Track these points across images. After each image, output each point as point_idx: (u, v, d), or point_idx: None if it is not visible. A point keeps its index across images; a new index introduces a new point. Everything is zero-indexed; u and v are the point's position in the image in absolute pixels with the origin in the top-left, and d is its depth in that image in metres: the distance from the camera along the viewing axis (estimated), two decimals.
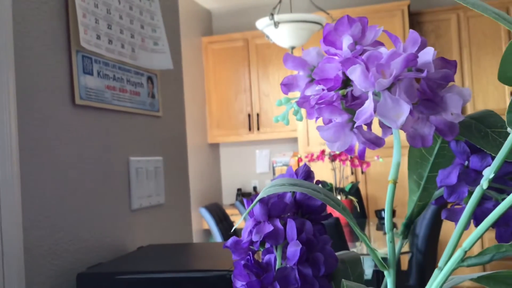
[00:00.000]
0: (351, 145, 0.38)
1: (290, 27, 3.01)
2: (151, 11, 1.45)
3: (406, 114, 0.33)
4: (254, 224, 0.46)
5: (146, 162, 1.39)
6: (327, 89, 0.37)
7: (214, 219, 3.30)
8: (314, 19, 3.05)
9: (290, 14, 3.00)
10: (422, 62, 0.36)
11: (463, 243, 0.29)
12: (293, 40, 3.10)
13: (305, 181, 0.39)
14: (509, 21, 0.26)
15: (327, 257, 0.43)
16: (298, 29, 3.03)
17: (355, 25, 0.38)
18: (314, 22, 3.08)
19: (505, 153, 0.30)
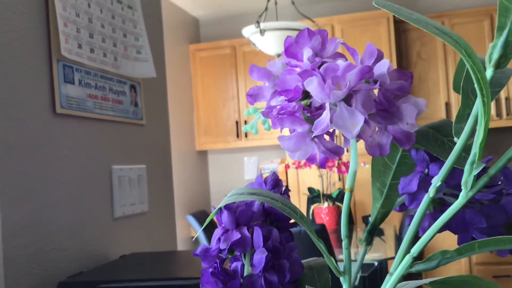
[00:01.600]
0: (312, 154, 0.39)
1: (276, 34, 3.04)
2: (134, 20, 1.46)
3: (361, 124, 0.34)
4: (223, 232, 0.47)
5: (129, 171, 1.39)
6: (287, 100, 0.38)
7: (201, 226, 3.29)
8: (299, 27, 3.08)
9: (276, 22, 3.02)
10: (378, 73, 0.37)
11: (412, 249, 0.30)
12: (279, 47, 3.12)
13: (264, 190, 0.40)
14: (449, 36, 0.27)
15: (293, 264, 0.44)
16: (284, 37, 3.05)
17: (315, 37, 0.39)
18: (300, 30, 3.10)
19: (452, 161, 0.31)
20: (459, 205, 0.30)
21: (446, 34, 0.27)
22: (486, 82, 0.27)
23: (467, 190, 0.29)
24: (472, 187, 0.29)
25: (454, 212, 0.30)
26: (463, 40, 0.27)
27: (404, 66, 4.37)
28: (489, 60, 0.29)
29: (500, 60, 0.29)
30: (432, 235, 0.30)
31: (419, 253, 0.30)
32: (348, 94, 0.36)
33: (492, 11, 4.26)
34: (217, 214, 0.47)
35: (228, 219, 0.46)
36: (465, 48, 0.26)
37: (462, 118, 0.31)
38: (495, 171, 0.30)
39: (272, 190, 0.50)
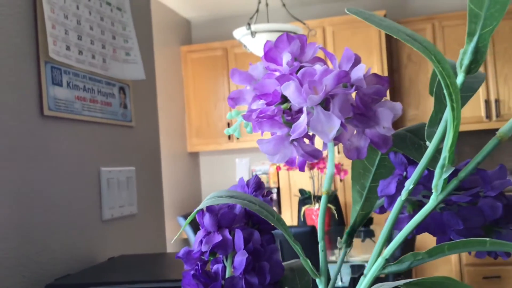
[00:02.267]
0: (291, 157, 0.40)
1: (267, 36, 3.04)
2: (123, 22, 1.46)
3: (337, 128, 0.35)
4: (205, 235, 0.47)
5: (118, 173, 1.39)
6: (266, 104, 0.39)
7: (192, 228, 3.29)
8: (290, 29, 3.09)
9: (267, 24, 3.03)
10: (355, 78, 0.37)
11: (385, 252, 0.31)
12: None
13: (242, 193, 0.41)
14: (419, 42, 0.28)
15: (273, 266, 0.45)
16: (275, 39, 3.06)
17: (294, 42, 0.40)
18: (291, 32, 3.11)
19: (424, 165, 0.32)
20: (430, 207, 0.30)
21: (416, 41, 0.27)
22: (456, 88, 0.27)
23: (437, 193, 0.30)
24: (443, 190, 0.30)
25: (425, 214, 0.30)
26: (433, 47, 0.28)
27: (395, 69, 4.39)
28: (460, 65, 0.30)
29: (471, 66, 0.30)
30: (405, 237, 0.31)
31: (391, 255, 0.30)
32: (325, 98, 0.36)
33: None
34: (199, 216, 0.48)
35: (210, 221, 0.46)
36: (434, 54, 0.27)
37: (434, 122, 0.32)
38: (465, 174, 0.30)
39: (254, 193, 0.51)
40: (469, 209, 0.44)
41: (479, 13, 0.28)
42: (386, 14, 4.28)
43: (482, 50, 0.29)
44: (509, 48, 4.25)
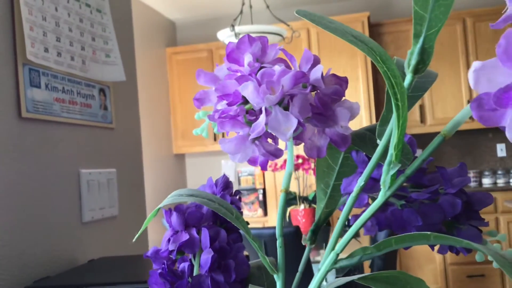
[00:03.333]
0: (252, 156, 0.40)
1: None
2: (103, 24, 1.46)
3: (294, 127, 0.36)
4: (172, 234, 0.48)
5: (98, 174, 1.38)
6: (228, 104, 0.39)
7: None
8: (274, 30, 3.10)
9: (251, 26, 3.04)
10: (314, 78, 0.38)
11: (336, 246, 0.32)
12: None
13: (202, 191, 0.41)
14: (365, 43, 0.28)
15: (239, 263, 0.45)
16: None
17: (255, 43, 0.41)
18: (275, 34, 3.13)
19: (374, 162, 0.33)
20: (379, 203, 0.31)
21: (362, 42, 0.28)
22: (402, 87, 0.28)
23: (385, 189, 0.31)
24: (391, 187, 0.30)
25: (374, 210, 0.31)
26: (380, 48, 0.28)
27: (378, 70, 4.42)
28: (408, 66, 0.31)
29: (418, 66, 0.31)
30: (355, 232, 0.31)
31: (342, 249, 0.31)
32: (283, 98, 0.37)
33: (464, 15, 4.35)
34: (167, 216, 0.48)
35: (177, 221, 0.47)
36: (380, 55, 0.28)
37: (385, 121, 0.33)
38: (411, 171, 0.31)
39: (222, 192, 0.51)
40: (429, 206, 0.46)
41: (424, 15, 0.29)
42: (370, 15, 4.32)
43: (428, 51, 0.30)
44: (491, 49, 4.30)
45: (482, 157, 4.62)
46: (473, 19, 4.33)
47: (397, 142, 0.29)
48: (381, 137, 0.32)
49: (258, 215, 4.53)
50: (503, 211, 4.10)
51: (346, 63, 4.21)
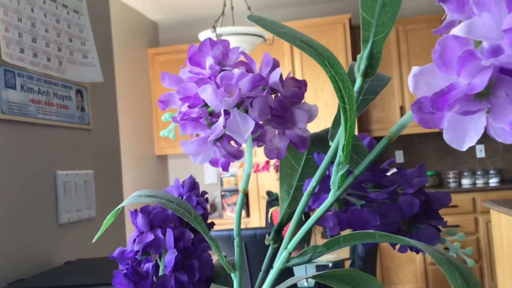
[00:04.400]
0: (213, 158, 0.41)
1: (232, 39, 3.06)
2: (80, 24, 1.45)
3: (251, 129, 0.36)
4: (138, 234, 0.48)
5: (75, 176, 1.38)
6: (188, 106, 0.40)
7: None
8: (255, 32, 3.11)
9: (232, 27, 3.05)
10: (273, 81, 0.39)
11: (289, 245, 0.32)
12: None
13: (161, 192, 0.42)
14: (314, 48, 0.29)
15: (203, 263, 0.46)
16: (240, 42, 3.08)
17: (216, 47, 0.41)
18: (256, 35, 3.14)
19: (326, 164, 0.34)
20: (329, 203, 0.32)
21: (310, 47, 0.29)
22: (350, 91, 0.29)
23: (335, 189, 0.32)
24: (340, 187, 0.31)
25: (324, 209, 0.32)
26: (329, 52, 0.29)
27: None
28: (358, 70, 0.32)
29: (367, 70, 0.32)
30: (306, 231, 0.32)
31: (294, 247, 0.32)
32: (242, 100, 0.38)
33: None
34: (132, 217, 0.49)
35: (142, 221, 0.47)
36: (328, 60, 0.29)
37: (337, 123, 0.34)
38: (359, 171, 0.32)
39: (188, 193, 0.52)
40: (388, 205, 0.47)
41: (372, 21, 0.30)
42: (351, 17, 4.35)
43: (376, 56, 0.31)
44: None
45: (461, 158, 4.69)
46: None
47: (346, 144, 0.30)
48: (333, 138, 0.33)
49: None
50: (482, 211, 4.16)
51: None
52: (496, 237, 3.28)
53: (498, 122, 0.25)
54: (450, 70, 0.25)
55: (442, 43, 0.25)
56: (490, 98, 0.25)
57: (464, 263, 0.32)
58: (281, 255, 0.32)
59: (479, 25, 0.24)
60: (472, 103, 0.25)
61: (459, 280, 0.25)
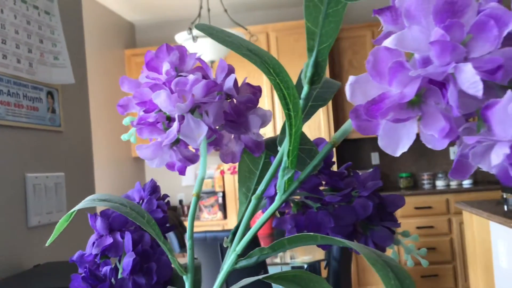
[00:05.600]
0: (169, 162, 0.42)
1: (209, 41, 3.06)
2: (51, 26, 1.44)
3: (204, 134, 0.37)
4: (97, 238, 0.48)
5: (45, 178, 1.37)
6: (144, 111, 0.41)
7: None
8: None
9: None
10: (227, 87, 0.40)
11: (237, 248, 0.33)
12: (212, 54, 3.15)
13: (115, 196, 0.42)
14: (260, 56, 0.30)
15: (161, 266, 0.46)
16: (217, 44, 3.08)
17: (173, 53, 0.42)
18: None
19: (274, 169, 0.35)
20: (275, 207, 0.33)
21: (256, 55, 0.30)
22: (295, 98, 0.30)
23: (281, 193, 0.33)
24: (286, 191, 0.32)
25: (271, 213, 0.33)
26: (275, 60, 0.30)
27: (337, 74, 4.50)
28: (304, 77, 0.33)
29: (314, 78, 0.33)
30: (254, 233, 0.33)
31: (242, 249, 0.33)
32: (197, 106, 0.39)
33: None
34: (92, 220, 0.49)
35: (101, 225, 0.48)
36: (273, 68, 0.30)
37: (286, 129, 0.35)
38: (304, 176, 0.33)
39: (149, 196, 0.52)
40: (343, 208, 0.48)
41: (316, 31, 0.31)
42: None
43: (321, 64, 0.32)
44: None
45: (435, 160, 4.76)
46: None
47: (291, 149, 0.31)
48: (281, 144, 0.34)
49: (217, 218, 4.53)
50: (455, 212, 4.24)
51: None
52: (468, 238, 3.34)
53: (428, 129, 0.26)
54: (383, 79, 0.26)
55: (375, 54, 0.26)
56: (421, 106, 0.26)
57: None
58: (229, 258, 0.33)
59: (408, 37, 0.25)
60: (405, 111, 0.26)
61: (393, 281, 0.26)
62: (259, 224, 0.33)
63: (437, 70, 0.24)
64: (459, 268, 4.26)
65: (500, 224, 2.41)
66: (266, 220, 0.33)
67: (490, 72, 0.23)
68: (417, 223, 4.23)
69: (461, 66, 0.24)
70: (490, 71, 0.23)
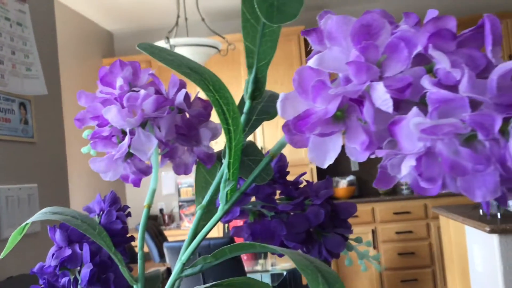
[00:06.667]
0: (125, 174, 0.43)
1: (186, 50, 3.07)
2: (24, 37, 1.44)
3: (154, 147, 0.38)
4: (56, 249, 0.49)
5: (17, 190, 1.36)
6: (97, 125, 0.42)
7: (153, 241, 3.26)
8: (209, 43, 3.13)
9: (186, 38, 3.06)
10: (178, 101, 0.41)
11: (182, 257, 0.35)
12: None
13: (66, 209, 0.43)
14: (200, 74, 0.32)
15: (119, 276, 0.47)
16: (194, 53, 3.10)
17: (126, 68, 0.43)
18: (210, 46, 3.16)
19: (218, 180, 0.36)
20: (218, 217, 0.34)
21: (197, 73, 0.31)
22: (235, 113, 0.32)
23: (223, 203, 0.34)
24: (227, 201, 0.34)
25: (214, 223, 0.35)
26: (215, 77, 0.32)
27: None
28: (246, 93, 0.34)
29: (255, 93, 0.34)
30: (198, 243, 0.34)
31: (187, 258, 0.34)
32: (147, 120, 0.40)
33: None
34: (51, 232, 0.50)
35: (60, 237, 0.49)
36: (213, 85, 0.31)
37: None
38: (245, 187, 0.35)
39: (109, 208, 0.53)
40: (296, 216, 0.50)
41: (254, 50, 0.32)
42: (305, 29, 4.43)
43: (261, 80, 0.33)
44: None
45: None
46: None
47: (232, 162, 0.32)
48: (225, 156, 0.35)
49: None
50: (433, 217, 4.29)
51: (284, 74, 4.30)
52: (445, 242, 3.39)
53: (351, 142, 0.28)
54: (308, 97, 0.28)
55: (299, 73, 0.28)
56: (346, 121, 0.28)
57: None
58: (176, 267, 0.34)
59: (329, 57, 0.27)
60: (330, 126, 0.28)
61: (321, 285, 0.27)
62: (203, 234, 0.35)
63: (353, 89, 0.26)
64: (438, 272, 4.31)
65: (475, 228, 2.45)
66: (209, 230, 0.35)
67: (400, 90, 0.25)
68: (396, 228, 4.28)
69: (374, 84, 0.26)
70: (399, 89, 0.25)
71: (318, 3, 4.67)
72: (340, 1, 4.68)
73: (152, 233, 3.43)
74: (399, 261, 4.30)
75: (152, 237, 3.40)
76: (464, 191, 0.23)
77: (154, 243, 3.47)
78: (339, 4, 4.74)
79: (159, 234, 3.75)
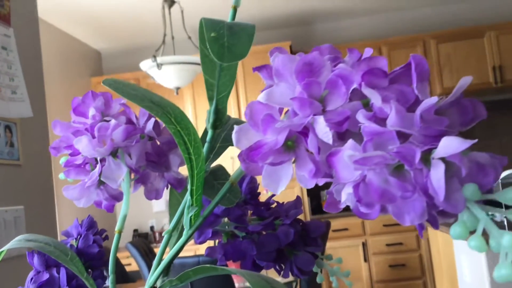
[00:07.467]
0: (98, 200, 0.45)
1: (173, 68, 3.10)
2: (9, 61, 1.46)
3: (123, 175, 0.40)
4: (34, 274, 0.51)
5: (3, 213, 1.37)
6: (70, 154, 0.44)
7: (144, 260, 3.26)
8: (196, 60, 3.16)
9: (173, 56, 3.09)
10: (148, 130, 0.43)
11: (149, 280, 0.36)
12: (177, 81, 3.18)
13: (40, 236, 0.45)
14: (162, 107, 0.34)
15: None
16: (181, 71, 3.13)
17: (98, 98, 0.45)
18: (197, 64, 3.19)
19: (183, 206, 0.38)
20: (182, 242, 0.36)
21: (159, 106, 0.33)
22: (196, 142, 0.34)
23: (187, 228, 0.36)
24: (191, 226, 0.36)
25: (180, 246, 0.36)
26: (177, 110, 0.34)
27: None
28: (208, 123, 0.36)
29: (216, 123, 0.36)
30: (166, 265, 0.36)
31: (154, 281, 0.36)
32: (117, 149, 0.42)
33: (380, 44, 4.60)
34: (30, 257, 0.51)
35: (38, 261, 0.50)
36: (175, 117, 0.33)
37: None
38: (207, 212, 0.36)
39: (86, 232, 0.55)
40: (268, 236, 0.52)
41: (214, 83, 0.35)
42: (291, 44, 4.49)
43: (222, 111, 0.36)
44: None
45: None
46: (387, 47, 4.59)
47: (194, 189, 0.34)
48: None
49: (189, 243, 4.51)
50: None
51: None
52: (434, 253, 3.41)
53: (301, 170, 0.30)
54: (259, 129, 0.30)
55: (250, 107, 0.30)
56: (296, 151, 0.30)
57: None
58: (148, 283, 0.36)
59: (277, 93, 0.29)
60: (281, 155, 0.30)
61: None
62: (170, 256, 0.36)
63: (298, 122, 0.28)
64: (429, 283, 4.33)
65: None
66: (175, 254, 0.37)
67: (338, 123, 0.27)
68: (386, 240, 4.29)
69: (316, 118, 0.28)
70: (338, 122, 0.27)
71: (306, 19, 4.73)
72: (326, 17, 4.75)
73: (142, 252, 3.42)
74: (390, 273, 4.32)
75: (142, 256, 3.39)
76: (395, 215, 0.25)
77: (145, 261, 3.46)
78: (325, 20, 4.80)
79: (149, 252, 3.74)
